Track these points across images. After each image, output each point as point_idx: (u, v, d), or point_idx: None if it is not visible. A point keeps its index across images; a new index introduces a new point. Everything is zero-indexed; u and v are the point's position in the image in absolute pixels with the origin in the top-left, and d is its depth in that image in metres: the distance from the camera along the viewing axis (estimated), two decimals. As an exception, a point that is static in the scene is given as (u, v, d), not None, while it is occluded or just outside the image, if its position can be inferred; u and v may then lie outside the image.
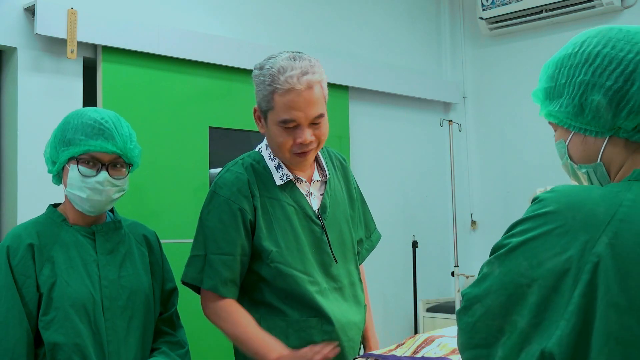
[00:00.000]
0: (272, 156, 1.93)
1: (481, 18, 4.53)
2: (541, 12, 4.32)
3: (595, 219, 0.95)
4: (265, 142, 1.98)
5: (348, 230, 2.02)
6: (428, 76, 4.69)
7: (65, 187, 1.82)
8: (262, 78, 1.82)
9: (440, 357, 1.69)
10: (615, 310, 0.90)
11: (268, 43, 3.67)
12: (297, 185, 1.93)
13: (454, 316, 4.38)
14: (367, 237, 2.19)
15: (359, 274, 2.07)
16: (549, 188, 1.08)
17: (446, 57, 4.87)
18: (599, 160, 1.08)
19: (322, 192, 1.99)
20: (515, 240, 1.01)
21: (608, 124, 1.05)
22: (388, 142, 4.38)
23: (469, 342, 1.05)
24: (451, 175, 4.49)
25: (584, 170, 1.11)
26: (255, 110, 1.91)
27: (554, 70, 1.11)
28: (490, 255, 1.05)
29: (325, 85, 1.88)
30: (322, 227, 1.93)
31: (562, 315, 0.93)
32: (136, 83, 3.14)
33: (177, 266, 3.17)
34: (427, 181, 4.62)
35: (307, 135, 1.82)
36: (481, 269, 1.06)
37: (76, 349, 1.73)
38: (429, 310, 4.33)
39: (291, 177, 1.91)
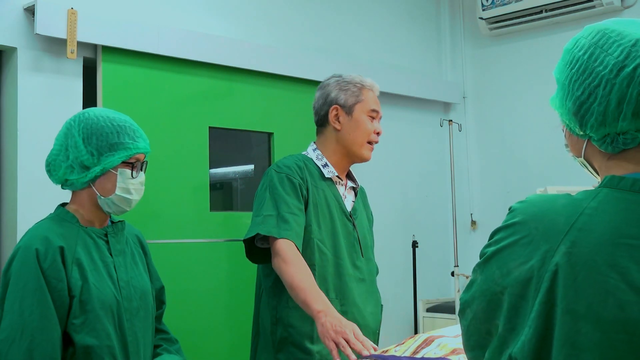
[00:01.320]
0: (319, 157, 2.26)
1: (481, 18, 4.53)
2: (541, 12, 4.31)
3: (556, 228, 0.98)
4: (311, 147, 2.29)
5: (370, 239, 2.34)
6: (428, 76, 4.69)
7: (101, 192, 1.83)
8: (349, 80, 2.27)
9: (440, 358, 1.70)
10: (571, 316, 0.93)
11: (268, 43, 3.67)
12: (336, 185, 2.25)
13: (454, 316, 4.37)
14: None
15: (376, 276, 2.36)
16: (548, 188, 1.10)
17: (446, 57, 4.87)
18: (582, 157, 1.11)
19: (353, 199, 2.31)
20: (490, 249, 1.06)
21: (580, 130, 1.07)
22: (388, 142, 4.38)
23: (467, 343, 1.10)
24: (451, 176, 4.49)
25: (577, 160, 1.15)
26: (334, 109, 2.24)
27: (560, 61, 1.13)
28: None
29: None
30: (354, 225, 2.24)
31: (526, 322, 0.97)
32: (136, 83, 3.14)
33: (178, 266, 3.18)
34: (427, 181, 4.62)
35: (380, 127, 2.28)
36: (471, 274, 1.12)
37: (108, 351, 1.74)
38: (429, 310, 4.33)
39: (336, 173, 2.25)
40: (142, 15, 3.20)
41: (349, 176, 2.35)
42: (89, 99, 3.06)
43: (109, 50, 3.04)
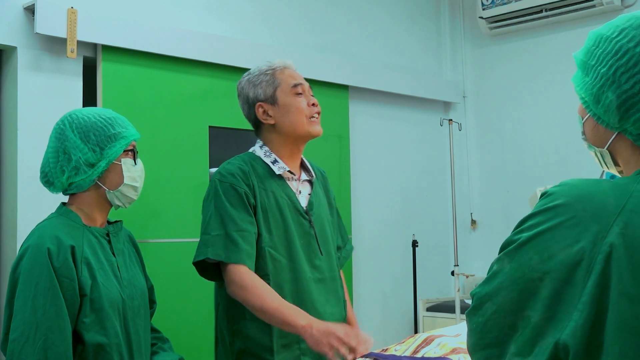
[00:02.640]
0: (267, 153, 2.12)
1: (481, 17, 4.53)
2: (541, 11, 4.31)
3: (606, 209, 0.95)
4: (258, 144, 2.17)
5: (330, 231, 2.20)
6: (428, 76, 4.69)
7: (109, 186, 1.84)
8: (257, 73, 2.13)
9: (440, 357, 1.70)
10: (628, 299, 0.90)
11: (268, 42, 3.67)
12: (288, 182, 2.12)
13: (454, 315, 4.35)
14: (342, 247, 2.34)
15: (339, 271, 2.23)
16: (548, 187, 1.08)
17: (446, 56, 4.87)
18: (605, 148, 1.09)
19: (309, 192, 2.18)
20: (525, 235, 1.00)
21: (616, 123, 1.04)
22: (388, 141, 4.38)
23: (479, 342, 1.03)
24: (451, 175, 4.49)
25: (593, 150, 1.13)
26: (258, 107, 2.12)
27: (592, 46, 1.08)
28: (500, 252, 1.04)
29: None
30: (310, 222, 2.11)
31: (576, 306, 0.93)
32: (136, 82, 3.14)
33: (178, 265, 3.18)
34: (427, 180, 4.62)
35: (312, 97, 2.13)
36: (491, 267, 1.06)
37: (117, 349, 1.75)
38: (428, 309, 4.33)
39: (287, 168, 2.10)
40: (142, 14, 3.20)
41: (304, 167, 2.21)
42: (89, 98, 3.06)
43: (109, 49, 3.04)
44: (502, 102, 4.68)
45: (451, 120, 4.42)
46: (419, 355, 1.75)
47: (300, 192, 2.15)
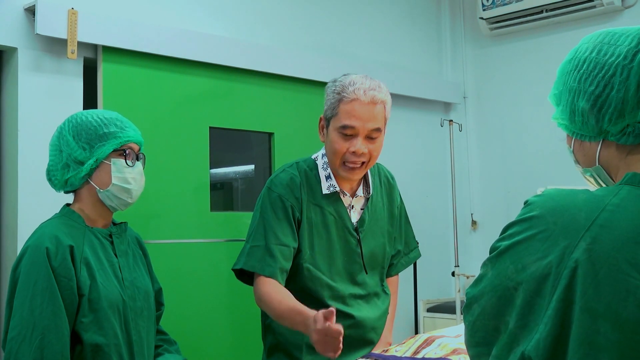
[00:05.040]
0: (325, 166, 2.09)
1: (482, 18, 4.53)
2: (541, 12, 4.31)
3: (576, 224, 0.96)
4: (322, 151, 2.14)
5: (382, 244, 2.17)
6: (428, 76, 4.69)
7: (99, 185, 1.84)
8: (333, 88, 2.02)
9: (441, 358, 1.70)
10: (589, 315, 0.91)
11: (268, 43, 3.67)
12: (341, 197, 2.09)
13: (455, 316, 4.36)
14: (405, 254, 2.34)
15: (382, 285, 2.22)
16: (549, 187, 1.09)
17: (447, 57, 4.86)
18: (597, 164, 1.09)
19: (362, 207, 2.14)
20: (504, 243, 1.04)
21: (596, 129, 1.06)
22: (388, 142, 4.37)
23: (471, 339, 1.08)
24: (452, 176, 4.49)
25: (589, 174, 1.13)
26: (320, 120, 2.09)
27: (558, 78, 1.13)
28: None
29: (388, 108, 2.07)
30: (358, 240, 2.10)
31: (542, 319, 0.95)
32: (136, 83, 3.14)
33: (178, 266, 3.18)
34: (427, 181, 4.62)
35: (361, 145, 1.97)
36: (480, 269, 1.09)
37: (115, 349, 1.76)
38: (429, 310, 4.33)
39: (337, 189, 2.07)
40: (142, 15, 3.20)
41: (365, 180, 2.16)
42: (90, 99, 3.06)
43: (109, 50, 3.04)
44: (503, 102, 4.68)
45: (451, 121, 4.42)
46: (419, 356, 1.75)
47: (352, 207, 2.12)
